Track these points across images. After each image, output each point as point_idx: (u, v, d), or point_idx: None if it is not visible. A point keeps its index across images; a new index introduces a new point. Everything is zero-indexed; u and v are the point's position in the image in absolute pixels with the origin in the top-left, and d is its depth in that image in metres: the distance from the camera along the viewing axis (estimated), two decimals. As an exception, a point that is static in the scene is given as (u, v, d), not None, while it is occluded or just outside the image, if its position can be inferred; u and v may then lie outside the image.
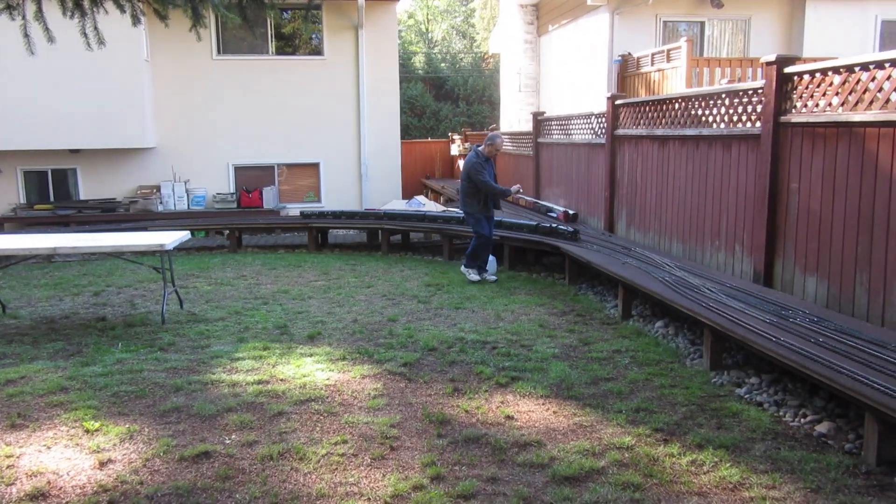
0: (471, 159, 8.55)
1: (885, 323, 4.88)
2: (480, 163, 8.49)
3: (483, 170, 8.46)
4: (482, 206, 8.63)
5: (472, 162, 8.53)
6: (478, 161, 8.49)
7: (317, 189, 15.62)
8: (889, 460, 3.72)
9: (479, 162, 8.49)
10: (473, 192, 8.59)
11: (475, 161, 8.50)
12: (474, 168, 8.47)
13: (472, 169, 8.48)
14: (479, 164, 8.48)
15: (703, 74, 12.31)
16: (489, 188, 8.49)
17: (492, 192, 8.55)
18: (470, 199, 8.67)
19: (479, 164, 8.48)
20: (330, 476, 3.74)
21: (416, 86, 31.94)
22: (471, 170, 8.49)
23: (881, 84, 4.85)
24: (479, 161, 8.49)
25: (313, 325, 6.75)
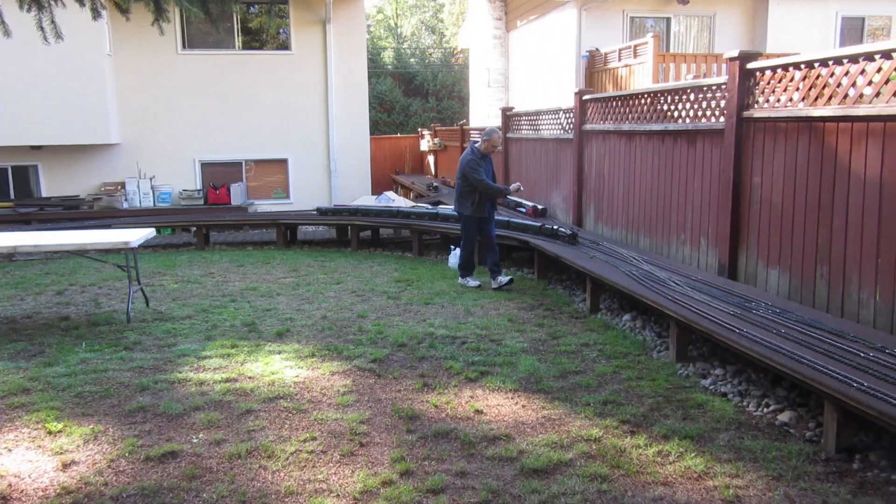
0: (466, 156, 8.07)
1: (844, 314, 5.00)
2: (476, 160, 7.98)
3: (479, 167, 7.95)
4: (476, 207, 8.07)
5: (467, 159, 8.02)
6: (473, 158, 7.99)
7: (285, 185, 15.50)
8: (847, 447, 3.81)
9: (475, 159, 7.98)
10: (468, 192, 8.07)
11: (470, 158, 7.99)
12: (469, 165, 7.96)
13: (467, 166, 7.98)
14: (474, 161, 7.97)
15: (670, 70, 12.45)
16: (485, 187, 7.96)
17: (488, 190, 8.01)
18: (464, 200, 8.14)
19: (475, 161, 7.97)
20: (299, 473, 3.73)
21: (386, 81, 31.84)
22: (466, 167, 8.00)
23: (839, 80, 4.95)
24: (474, 158, 7.98)
25: (282, 322, 6.71)
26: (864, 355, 4.07)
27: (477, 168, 7.95)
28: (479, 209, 8.11)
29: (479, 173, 7.94)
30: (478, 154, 8.03)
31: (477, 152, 8.04)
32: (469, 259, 8.34)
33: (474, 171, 7.94)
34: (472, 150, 8.09)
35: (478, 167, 7.96)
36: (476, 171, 7.94)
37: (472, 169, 7.94)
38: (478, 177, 7.93)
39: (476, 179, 7.93)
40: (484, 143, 8.05)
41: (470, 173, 7.96)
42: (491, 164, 8.29)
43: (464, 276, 8.32)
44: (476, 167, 7.95)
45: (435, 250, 10.93)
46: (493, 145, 8.07)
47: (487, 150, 8.07)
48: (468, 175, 7.97)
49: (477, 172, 7.94)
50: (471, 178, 7.95)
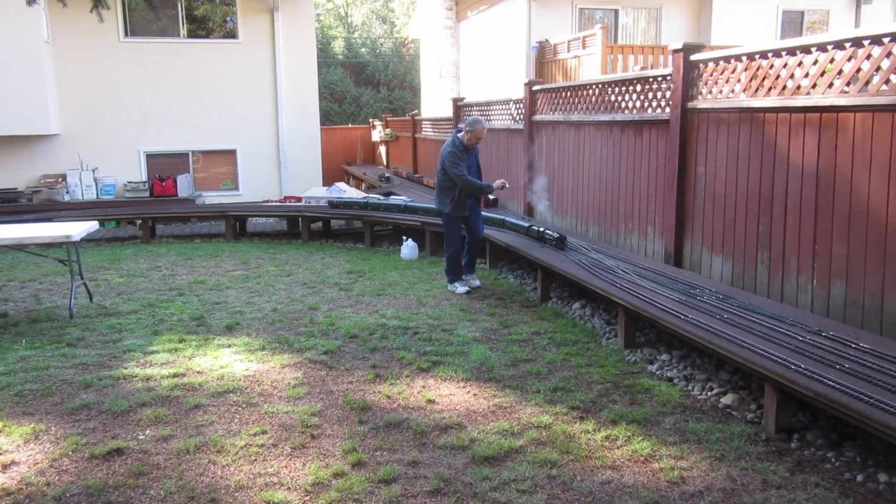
0: (447, 148, 7.27)
1: (783, 299, 5.16)
2: (457, 152, 7.17)
3: (459, 161, 7.16)
4: (456, 205, 7.30)
5: (447, 151, 7.24)
6: (454, 150, 7.18)
7: (234, 177, 15.24)
8: (786, 428, 3.95)
9: (456, 151, 7.17)
10: (448, 187, 7.31)
11: (450, 150, 7.19)
12: (450, 158, 7.17)
13: (447, 159, 7.19)
14: (455, 153, 7.16)
15: (618, 61, 12.63)
16: (465, 182, 7.18)
17: (467, 186, 7.23)
18: (443, 195, 7.40)
19: (456, 153, 7.16)
20: (249, 467, 3.69)
21: (336, 71, 31.52)
22: (446, 160, 7.21)
23: (778, 71, 5.09)
24: (455, 150, 7.17)
25: (231, 316, 6.61)
26: (801, 338, 4.21)
27: (457, 161, 7.18)
28: (460, 206, 7.35)
29: (459, 167, 7.17)
30: (459, 146, 7.24)
31: (459, 144, 7.24)
32: (455, 261, 7.49)
33: (454, 164, 7.16)
34: (454, 141, 7.28)
35: (458, 160, 7.18)
36: (456, 164, 7.17)
37: (453, 162, 7.16)
38: (458, 171, 7.14)
39: (456, 174, 7.16)
40: (467, 134, 7.23)
41: (450, 167, 7.18)
42: (475, 156, 7.52)
43: (451, 280, 7.51)
44: (457, 160, 7.18)
45: (387, 241, 10.91)
46: (477, 136, 7.24)
47: (471, 141, 7.26)
48: (448, 169, 7.21)
49: (457, 166, 7.17)
50: (450, 172, 7.19)
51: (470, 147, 7.29)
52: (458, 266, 7.49)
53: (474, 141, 7.25)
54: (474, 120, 7.23)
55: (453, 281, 7.47)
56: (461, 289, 7.36)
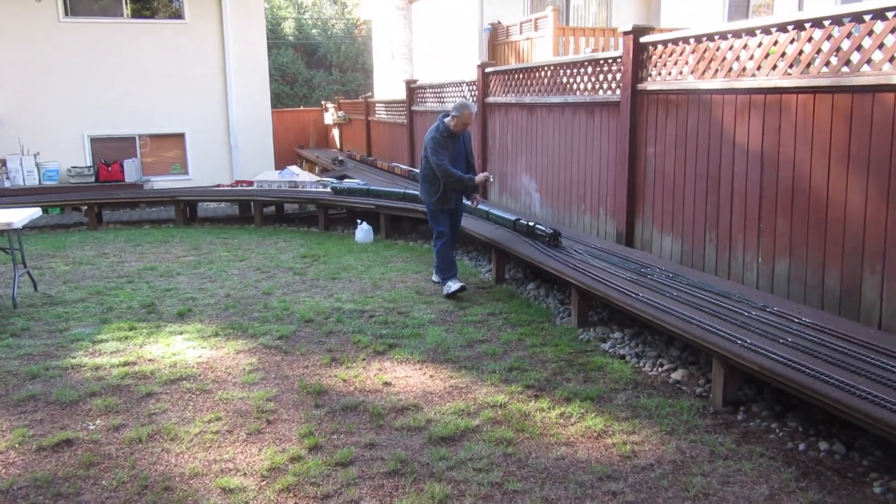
0: (430, 134, 6.54)
1: (730, 276, 5.30)
2: (440, 139, 6.42)
3: (442, 148, 6.40)
4: (440, 198, 6.57)
5: (430, 137, 6.51)
6: (437, 136, 6.43)
7: (183, 161, 14.91)
8: (733, 401, 4.07)
9: (439, 138, 6.42)
10: (432, 177, 6.57)
11: (433, 136, 6.46)
12: (431, 144, 6.45)
13: (428, 145, 6.49)
14: (438, 140, 6.42)
15: (570, 43, 12.70)
16: (446, 174, 6.40)
17: (448, 178, 6.44)
18: (426, 186, 6.66)
19: (439, 140, 6.42)
20: (204, 454, 3.65)
21: (287, 52, 31.00)
22: (428, 147, 6.50)
23: (724, 53, 5.19)
24: (438, 137, 6.43)
25: (183, 302, 6.50)
26: (747, 314, 4.34)
27: (440, 149, 6.41)
28: (444, 199, 6.60)
29: (440, 155, 6.40)
30: (444, 132, 6.45)
31: (443, 130, 6.46)
32: (444, 256, 6.67)
33: (436, 152, 6.40)
34: (439, 126, 6.51)
35: (441, 148, 6.42)
36: (438, 153, 6.40)
37: (434, 150, 6.41)
38: (438, 160, 6.38)
39: (436, 163, 6.40)
40: (453, 120, 6.43)
41: (431, 154, 6.44)
42: (465, 145, 6.71)
43: (443, 278, 6.66)
44: (439, 148, 6.41)
45: (341, 225, 10.83)
46: (464, 122, 6.43)
47: (457, 127, 6.47)
48: (430, 158, 6.49)
49: (439, 154, 6.40)
50: (431, 160, 6.47)
51: (457, 133, 6.54)
52: (448, 260, 6.67)
53: (461, 127, 6.49)
54: (461, 104, 6.46)
55: (445, 279, 6.61)
56: (455, 286, 6.48)
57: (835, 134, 4.35)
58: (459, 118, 6.40)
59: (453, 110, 6.43)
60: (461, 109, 6.39)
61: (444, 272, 6.65)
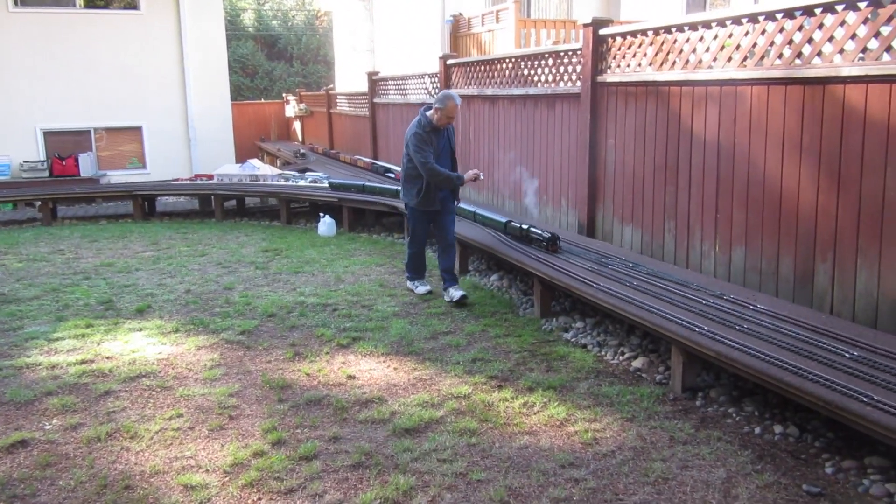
0: (411, 129, 6.00)
1: (689, 265, 5.40)
2: (423, 135, 5.87)
3: (425, 145, 5.86)
4: (424, 198, 6.03)
5: (411, 133, 5.97)
6: (419, 132, 5.89)
7: (141, 154, 14.64)
8: (692, 387, 4.16)
9: (421, 134, 5.88)
10: (414, 176, 6.06)
11: (415, 132, 5.91)
12: (413, 141, 5.90)
13: (410, 142, 5.95)
14: (420, 136, 5.87)
15: (531, 35, 12.73)
16: (431, 172, 5.86)
17: (434, 177, 5.89)
18: (408, 185, 6.15)
19: (421, 136, 5.87)
20: (165, 452, 3.61)
21: (247, 44, 30.57)
22: (409, 143, 5.96)
23: (682, 46, 5.27)
24: (420, 132, 5.88)
25: (142, 299, 6.39)
26: (705, 302, 4.43)
27: (423, 146, 5.86)
28: (428, 200, 6.06)
29: (424, 152, 5.85)
30: (426, 127, 5.92)
31: (426, 124, 5.92)
32: (416, 260, 6.40)
33: (419, 149, 5.85)
34: (421, 121, 5.96)
35: (424, 144, 5.87)
36: (421, 149, 5.85)
37: (417, 147, 5.87)
38: (422, 158, 5.84)
39: (420, 161, 5.86)
40: (436, 113, 5.90)
41: (414, 152, 5.90)
42: (449, 139, 6.17)
43: (410, 278, 6.49)
44: (423, 145, 5.86)
45: (304, 218, 10.75)
46: (449, 115, 5.91)
47: (441, 121, 5.93)
48: (412, 154, 5.95)
49: (422, 151, 5.85)
50: (414, 158, 5.93)
51: (440, 128, 5.99)
52: (418, 265, 6.42)
53: (445, 120, 5.95)
54: (445, 95, 5.89)
55: (413, 279, 6.44)
56: (422, 288, 6.30)
57: (788, 125, 4.45)
58: (443, 111, 5.88)
59: (436, 102, 5.92)
60: (444, 101, 5.86)
61: (411, 272, 6.47)
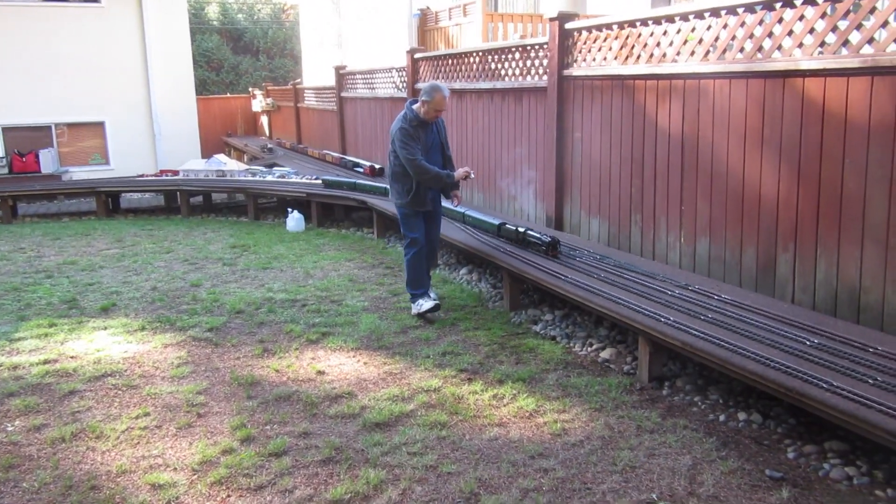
0: (397, 124, 5.48)
1: (655, 256, 5.47)
2: (409, 130, 5.39)
3: (412, 140, 5.38)
4: (414, 198, 5.54)
5: (396, 128, 5.45)
6: (405, 127, 5.39)
7: (104, 150, 14.38)
8: (658, 376, 4.22)
9: (408, 129, 5.39)
10: (402, 174, 5.53)
11: (401, 127, 5.41)
12: (399, 137, 5.39)
13: (396, 138, 5.43)
14: (407, 131, 5.38)
15: (498, 29, 12.76)
16: (419, 170, 5.39)
17: (422, 175, 5.42)
18: (396, 185, 5.63)
19: (408, 131, 5.38)
20: (131, 451, 3.56)
21: (212, 38, 30.14)
22: (395, 139, 5.45)
23: (646, 40, 5.32)
24: (407, 127, 5.40)
25: (107, 297, 6.29)
26: (671, 293, 4.49)
27: (410, 142, 5.38)
28: (419, 200, 5.56)
29: (411, 149, 5.38)
30: (413, 121, 5.43)
31: (412, 118, 5.44)
32: (416, 269, 5.65)
33: (405, 145, 5.38)
34: (406, 114, 5.47)
35: (411, 140, 5.39)
36: (408, 145, 5.37)
37: (403, 143, 5.38)
38: (409, 155, 5.37)
39: (407, 158, 5.38)
40: (423, 106, 5.43)
41: (400, 149, 5.41)
42: (438, 134, 5.70)
43: (413, 297, 5.65)
44: (409, 141, 5.38)
45: (272, 214, 10.66)
46: (437, 108, 5.43)
47: (428, 114, 5.45)
48: (398, 151, 5.45)
49: (409, 148, 5.38)
50: (400, 155, 5.44)
51: (428, 122, 5.53)
52: (420, 274, 5.67)
53: (433, 114, 5.47)
54: (432, 86, 5.42)
55: (416, 297, 5.62)
56: (427, 304, 5.51)
57: (749, 118, 4.53)
58: (430, 103, 5.39)
59: (423, 94, 5.44)
60: (432, 93, 5.38)
61: (414, 287, 5.67)
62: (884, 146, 3.75)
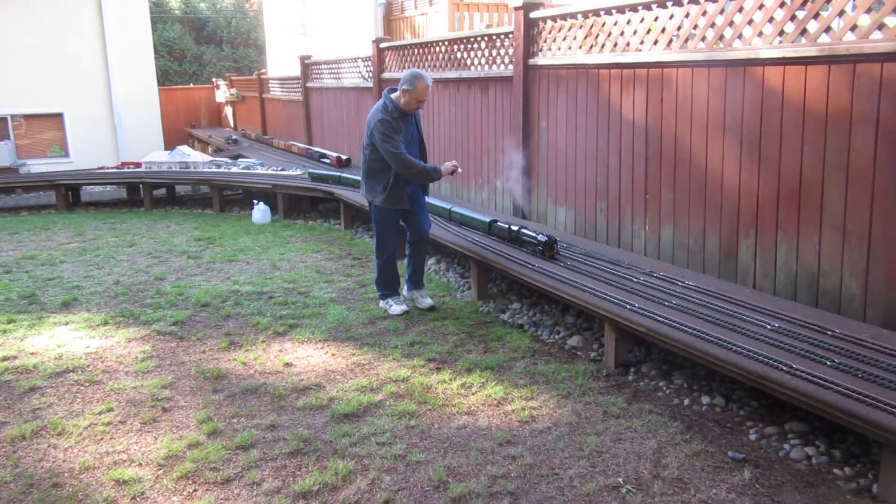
0: (375, 115, 5.11)
1: (620, 244, 5.53)
2: (390, 121, 5.02)
3: (394, 133, 5.01)
4: (391, 195, 5.18)
5: (375, 119, 5.08)
6: (386, 118, 5.02)
7: (63, 142, 14.05)
8: (624, 363, 4.27)
9: (388, 119, 5.02)
10: (379, 169, 5.16)
11: (381, 118, 5.03)
12: (379, 129, 5.02)
13: (375, 130, 5.05)
14: (388, 122, 5.01)
15: (465, 19, 12.73)
16: (403, 164, 5.04)
17: (407, 170, 5.09)
18: (373, 181, 5.23)
19: (389, 122, 5.01)
20: (95, 447, 3.51)
21: (174, 27, 29.58)
22: (374, 131, 5.06)
23: (610, 29, 5.35)
24: (388, 118, 5.02)
25: (68, 292, 6.16)
26: (636, 280, 4.55)
27: (392, 134, 5.01)
28: (396, 197, 5.22)
29: (393, 141, 5.01)
30: (393, 112, 5.05)
31: (393, 109, 5.06)
32: (387, 270, 5.46)
33: (388, 138, 5.00)
34: (386, 105, 5.08)
35: (393, 132, 5.02)
36: (391, 138, 5.00)
37: (385, 135, 5.00)
38: (392, 148, 5.00)
39: (391, 152, 5.01)
40: (404, 95, 5.04)
41: (381, 142, 5.02)
42: (417, 126, 5.36)
43: (383, 295, 5.52)
44: (390, 132, 5.01)
45: (238, 206, 10.54)
46: (419, 97, 5.04)
47: (409, 104, 5.07)
48: (378, 144, 5.06)
49: (392, 141, 5.01)
50: (382, 149, 5.04)
51: (409, 112, 5.15)
52: (390, 276, 5.50)
53: (414, 104, 5.09)
54: (413, 74, 5.02)
55: (386, 296, 5.51)
56: (396, 308, 5.40)
57: (711, 106, 4.59)
58: (412, 92, 5.01)
59: (403, 83, 5.02)
60: (413, 81, 4.98)
61: (384, 287, 5.50)
62: (840, 133, 3.83)
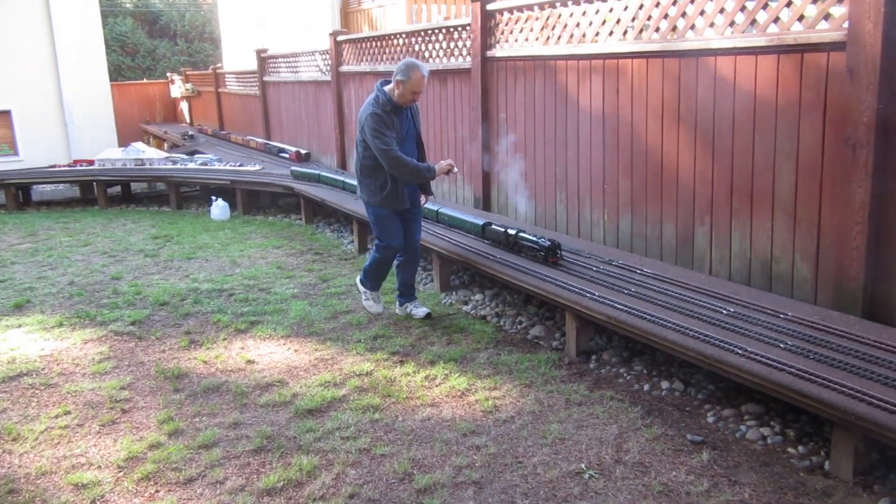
0: (367, 109, 4.73)
1: (580, 234, 5.59)
2: (382, 116, 4.63)
3: (386, 128, 4.63)
4: (389, 196, 4.81)
5: (367, 114, 4.70)
6: (378, 112, 4.63)
7: (11, 140, 13.65)
8: (586, 351, 4.33)
9: (380, 114, 4.63)
10: (374, 167, 4.78)
11: (373, 112, 4.64)
12: (370, 124, 4.64)
13: (366, 125, 4.68)
14: (380, 117, 4.63)
15: (423, 11, 12.69)
16: (395, 162, 4.67)
17: (399, 168, 4.70)
18: (368, 179, 4.86)
19: (380, 117, 4.63)
20: (52, 451, 3.43)
21: (126, 21, 28.94)
22: (365, 126, 4.70)
23: (566, 20, 5.39)
24: (380, 112, 4.63)
25: (20, 293, 6.01)
26: (596, 269, 4.60)
27: (384, 130, 4.63)
28: (395, 198, 4.83)
29: (386, 139, 4.63)
30: (386, 105, 4.66)
31: (385, 102, 4.66)
32: (383, 266, 5.10)
33: (379, 134, 4.62)
34: (378, 98, 4.69)
35: (385, 128, 4.64)
36: (382, 134, 4.63)
37: (377, 131, 4.62)
38: (384, 145, 4.63)
39: (381, 149, 4.64)
40: (399, 87, 4.64)
41: (373, 138, 4.65)
42: (413, 121, 4.94)
43: (366, 288, 5.18)
44: (383, 129, 4.63)
45: (196, 203, 10.37)
46: (414, 89, 4.66)
47: (403, 97, 4.68)
48: (369, 141, 4.70)
49: (383, 137, 4.63)
50: (373, 146, 4.69)
51: (403, 106, 4.76)
52: (383, 273, 5.16)
53: (409, 97, 4.70)
54: (408, 64, 4.64)
55: (367, 289, 5.18)
56: (375, 308, 5.16)
57: (666, 96, 4.66)
58: (407, 84, 4.61)
59: (398, 73, 4.62)
60: (408, 72, 4.59)
61: (367, 278, 5.16)
62: (790, 121, 3.93)
